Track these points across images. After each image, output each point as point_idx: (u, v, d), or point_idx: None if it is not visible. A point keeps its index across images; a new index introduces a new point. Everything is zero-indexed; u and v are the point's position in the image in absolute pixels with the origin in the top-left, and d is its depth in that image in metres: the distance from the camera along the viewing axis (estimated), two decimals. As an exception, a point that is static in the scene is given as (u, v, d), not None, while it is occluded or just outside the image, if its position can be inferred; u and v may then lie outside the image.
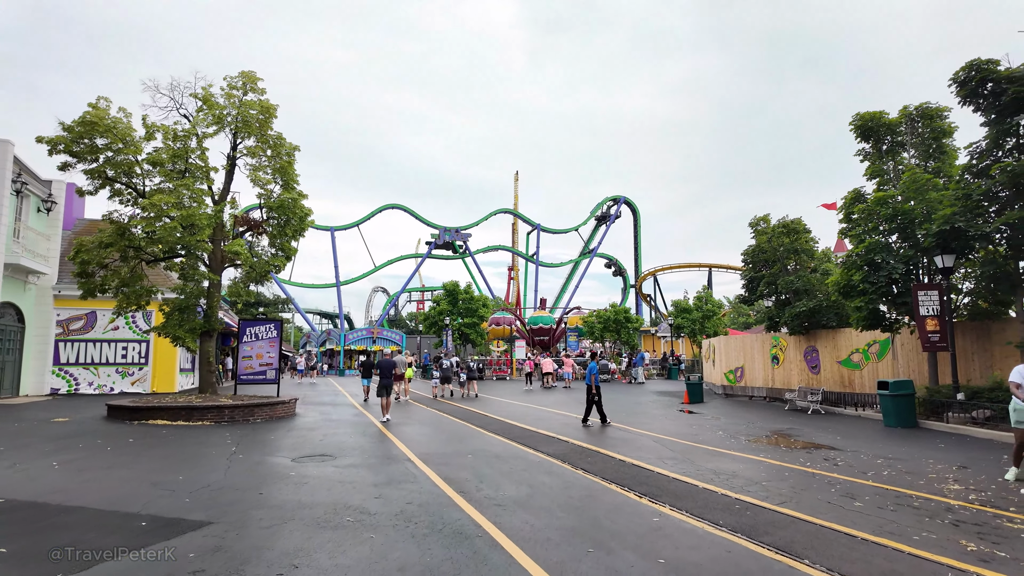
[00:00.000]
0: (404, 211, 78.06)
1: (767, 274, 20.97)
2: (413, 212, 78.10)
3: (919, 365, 16.41)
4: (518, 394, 25.31)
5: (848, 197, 16.71)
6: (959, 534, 5.75)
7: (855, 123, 16.77)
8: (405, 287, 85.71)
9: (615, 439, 12.45)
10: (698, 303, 41.56)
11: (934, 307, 13.52)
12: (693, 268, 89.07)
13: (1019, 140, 13.11)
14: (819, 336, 19.66)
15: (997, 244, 13.33)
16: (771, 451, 10.84)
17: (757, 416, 17.34)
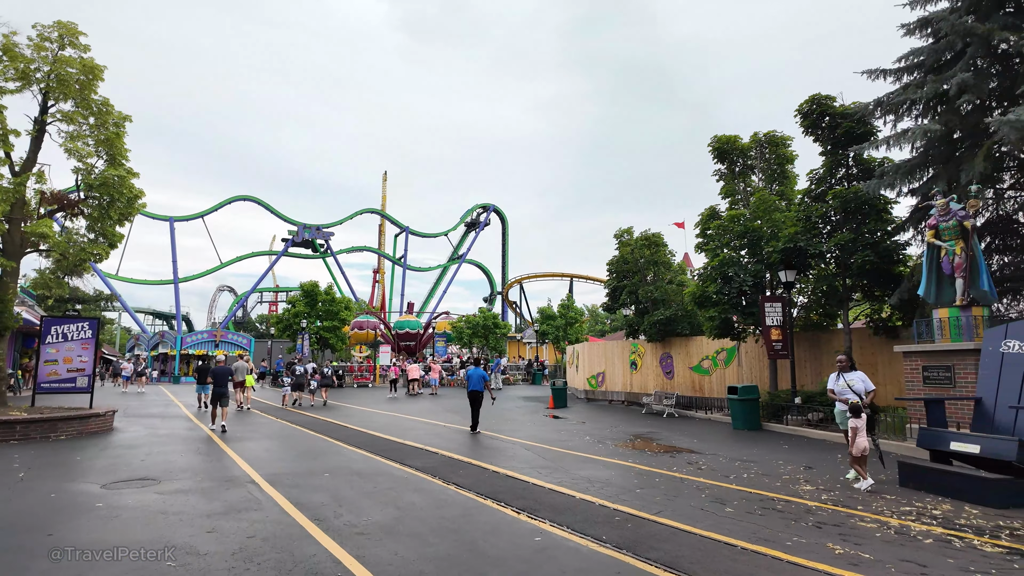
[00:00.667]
0: (258, 204, 72.22)
1: (629, 284, 21.87)
2: (268, 205, 72.52)
3: (761, 371, 17.88)
4: (382, 402, 24.01)
5: (705, 214, 17.86)
6: (824, 537, 5.91)
7: (713, 145, 18.01)
8: (256, 286, 79.18)
9: (487, 448, 11.94)
10: (562, 310, 42.79)
11: (778, 318, 14.74)
12: (556, 277, 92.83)
13: (848, 170, 14.73)
14: (674, 343, 20.81)
15: (828, 263, 14.86)
16: (638, 456, 10.95)
17: (619, 420, 17.83)
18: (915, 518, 6.59)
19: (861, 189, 13.65)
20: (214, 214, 69.40)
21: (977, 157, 10.92)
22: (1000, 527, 6.22)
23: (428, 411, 20.19)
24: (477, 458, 10.58)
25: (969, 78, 10.87)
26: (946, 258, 10.95)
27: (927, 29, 12.75)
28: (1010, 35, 10.68)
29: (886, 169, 13.08)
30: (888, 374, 14.71)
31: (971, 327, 10.40)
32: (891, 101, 12.64)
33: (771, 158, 17.17)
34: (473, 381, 14.58)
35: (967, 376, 10.11)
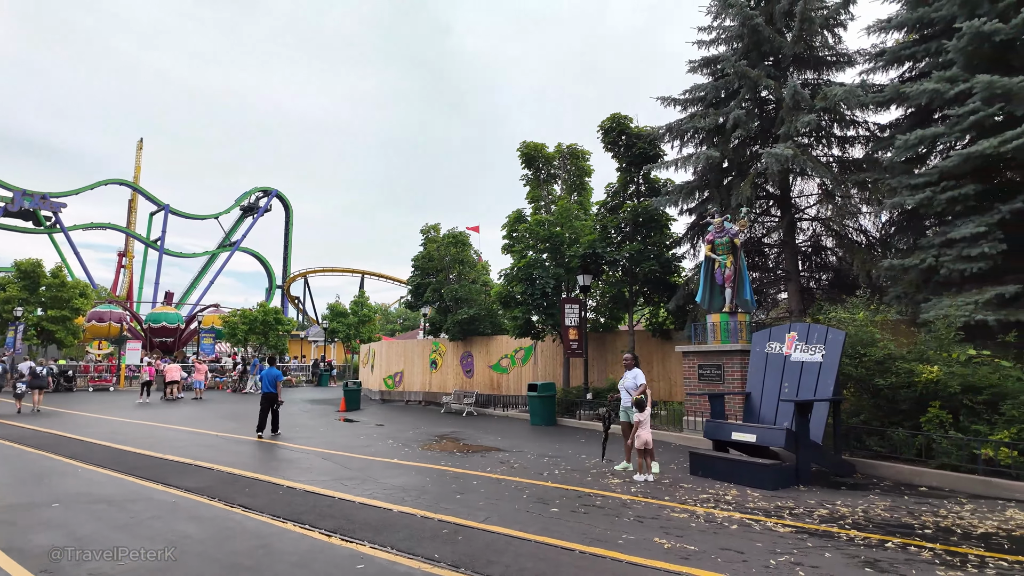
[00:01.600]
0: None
1: (434, 281, 21.44)
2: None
3: (555, 370, 18.79)
4: (131, 409, 19.96)
5: (512, 217, 18.23)
6: (649, 531, 6.02)
7: (521, 151, 18.49)
8: (-55, 263, 61.42)
9: (276, 459, 10.39)
10: (354, 308, 40.76)
11: (575, 319, 15.56)
12: (346, 273, 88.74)
13: (639, 187, 16.20)
14: (475, 342, 20.91)
15: (618, 270, 16.15)
16: (449, 458, 10.47)
17: (419, 420, 17.22)
18: (714, 505, 7.13)
19: (650, 204, 15.07)
20: None
21: (744, 184, 12.68)
22: (780, 508, 7.02)
23: (194, 418, 17.26)
24: (266, 472, 9.07)
25: (741, 115, 12.59)
26: (719, 270, 12.50)
27: (708, 68, 14.56)
28: (771, 82, 12.63)
29: (670, 188, 14.60)
30: (662, 371, 16.47)
31: (737, 331, 11.99)
32: (679, 127, 14.14)
33: (572, 169, 18.22)
34: (266, 382, 13.30)
35: (734, 373, 11.62)
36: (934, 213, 10.21)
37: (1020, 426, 7.79)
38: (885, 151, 12.57)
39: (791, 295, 13.19)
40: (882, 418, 9.30)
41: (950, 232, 9.85)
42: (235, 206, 78.42)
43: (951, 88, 9.96)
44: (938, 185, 10.07)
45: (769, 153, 11.36)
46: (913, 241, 11.13)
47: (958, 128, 9.81)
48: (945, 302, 9.55)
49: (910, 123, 11.49)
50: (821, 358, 9.12)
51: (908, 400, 8.96)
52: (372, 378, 25.41)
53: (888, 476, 8.70)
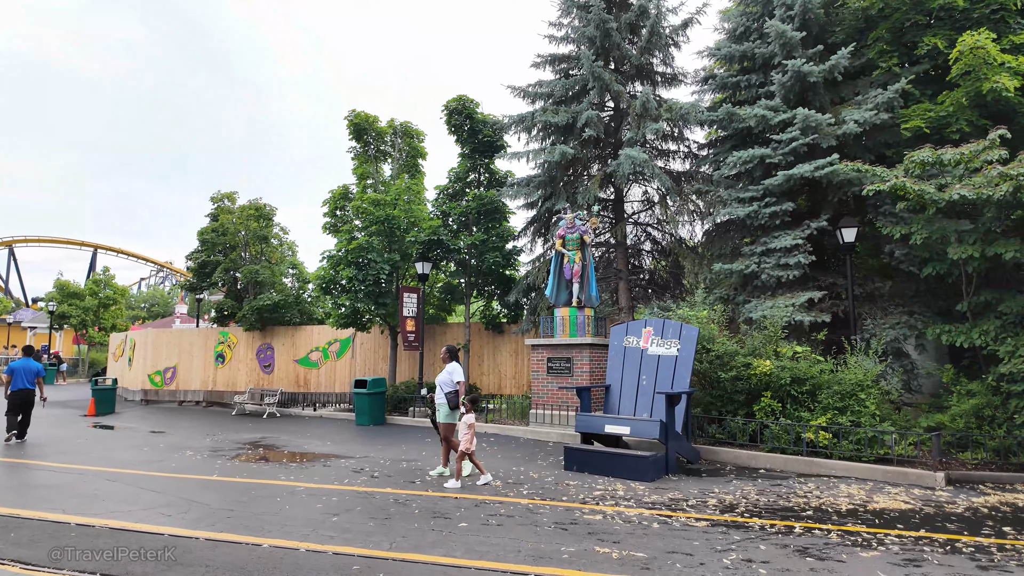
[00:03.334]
0: None
1: (226, 260, 18.22)
2: None
3: (376, 364, 17.36)
4: None
5: (336, 192, 16.31)
6: (582, 540, 5.52)
7: (351, 120, 16.64)
8: None
9: (42, 485, 7.53)
10: (94, 287, 33.21)
11: (414, 309, 14.48)
12: (73, 246, 73.08)
13: (481, 175, 15.74)
14: (277, 333, 18.34)
15: (456, 259, 15.49)
16: (285, 470, 8.71)
17: (209, 425, 14.43)
18: (614, 502, 6.92)
19: (495, 195, 14.73)
20: None
21: (592, 183, 13.03)
22: (675, 500, 7.09)
23: None
24: (38, 506, 6.42)
25: (594, 115, 12.92)
26: (567, 265, 12.64)
27: (555, 66, 14.72)
28: (620, 87, 13.21)
29: (516, 180, 14.44)
30: (492, 364, 16.26)
31: (584, 325, 12.24)
32: (530, 120, 14.00)
33: (405, 149, 16.98)
34: (21, 377, 11.32)
35: (583, 366, 11.81)
36: (758, 225, 11.59)
37: (833, 412, 9.12)
38: (701, 166, 14.05)
39: (621, 292, 13.96)
40: (720, 407, 10.20)
41: (771, 243, 11.26)
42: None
43: (775, 116, 11.39)
44: (762, 200, 11.44)
45: (626, 155, 11.80)
46: (731, 249, 12.55)
47: (780, 152, 11.25)
48: (767, 304, 10.87)
49: (732, 144, 12.95)
50: (677, 352, 9.65)
51: (744, 391, 9.95)
52: (130, 375, 20.80)
53: (728, 460, 9.53)
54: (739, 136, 12.78)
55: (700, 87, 13.73)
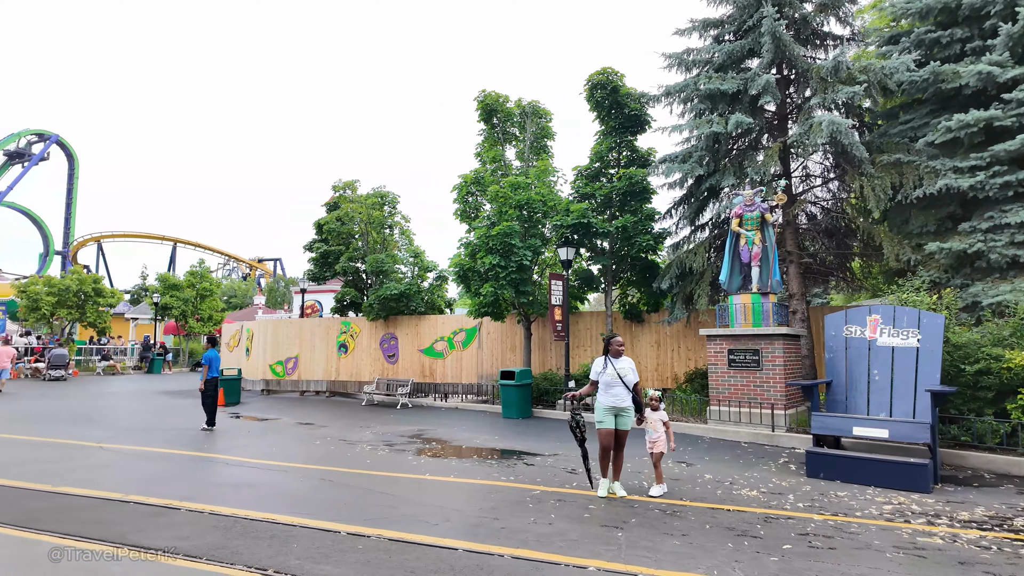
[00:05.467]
0: None
1: (349, 249, 17.90)
2: None
3: (502, 354, 16.72)
4: None
5: (468, 177, 15.64)
6: (943, 570, 4.54)
7: (481, 101, 15.93)
8: None
9: (232, 483, 7.08)
10: (192, 279, 34.01)
11: (560, 297, 13.69)
12: (154, 240, 76.29)
13: (623, 153, 14.74)
14: (401, 323, 17.94)
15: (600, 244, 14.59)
16: (493, 469, 8.03)
17: (351, 416, 14.11)
18: (927, 520, 5.91)
19: (644, 173, 13.73)
20: None
21: (769, 154, 11.83)
22: (993, 518, 6.02)
23: (20, 418, 12.07)
24: (322, 515, 5.91)
25: (772, 80, 11.69)
26: (745, 247, 11.56)
27: (712, 30, 13.53)
28: (799, 48, 11.93)
29: (669, 156, 13.37)
30: (631, 355, 15.31)
31: (769, 313, 11.14)
32: (693, 88, 12.87)
33: (536, 129, 16.14)
34: (215, 367, 11.78)
35: (775, 359, 10.73)
36: (982, 198, 10.19)
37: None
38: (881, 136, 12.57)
39: (792, 277, 12.74)
40: (959, 405, 8.97)
41: (1001, 217, 9.86)
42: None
43: (1004, 72, 9.94)
44: (988, 169, 10.03)
45: (827, 120, 10.57)
46: (936, 226, 11.15)
47: (1011, 113, 9.81)
48: (1004, 287, 9.51)
49: (930, 108, 11.49)
50: (917, 343, 8.46)
51: (992, 387, 8.68)
52: (248, 364, 20.90)
53: (980, 467, 8.30)
54: (940, 99, 11.34)
55: (886, 47, 12.28)
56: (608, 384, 6.51)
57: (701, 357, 13.91)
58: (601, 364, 6.67)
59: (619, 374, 6.48)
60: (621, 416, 6.49)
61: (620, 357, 6.67)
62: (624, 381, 6.47)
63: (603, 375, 6.57)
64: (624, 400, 6.47)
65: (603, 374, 6.57)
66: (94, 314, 27.27)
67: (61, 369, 22.32)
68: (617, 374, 6.48)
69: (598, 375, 6.63)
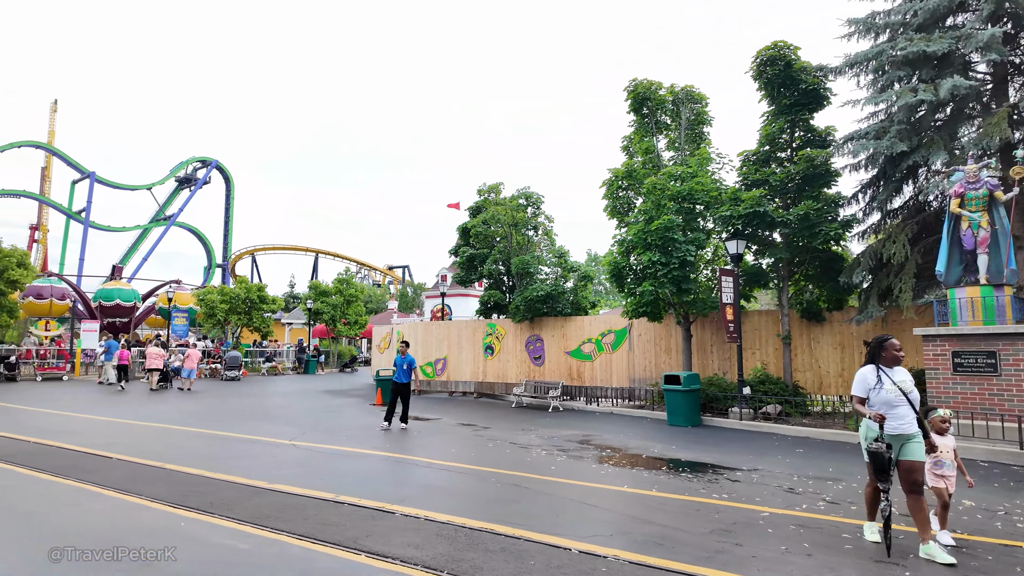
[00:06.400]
0: None
1: (492, 252, 17.92)
2: None
3: (656, 356, 15.84)
4: (105, 402, 15.41)
5: (619, 171, 14.99)
6: None
7: (630, 91, 15.23)
8: None
9: (427, 485, 6.88)
10: (338, 286, 36.30)
11: (731, 295, 12.62)
12: (298, 251, 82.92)
13: (793, 135, 13.36)
14: (546, 324, 17.64)
15: (772, 235, 13.30)
16: (699, 486, 7.29)
17: (507, 418, 13.92)
18: None
19: (828, 154, 12.30)
20: None
21: (995, 119, 10.01)
22: None
23: (218, 415, 13.14)
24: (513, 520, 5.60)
25: (998, 35, 9.90)
26: (968, 231, 9.87)
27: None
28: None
29: (859, 133, 11.83)
30: (809, 360, 13.81)
31: (1004, 309, 9.39)
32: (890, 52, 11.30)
33: (690, 116, 15.14)
34: (401, 370, 11.89)
35: (1018, 363, 9.01)
36: None
37: None
38: None
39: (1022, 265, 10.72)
40: None
41: None
42: (170, 176, 70.81)
43: None
44: None
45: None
46: None
47: None
48: None
49: None
50: None
51: None
52: (398, 366, 21.62)
53: None
54: None
55: None
56: (888, 403, 4.94)
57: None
58: (872, 376, 5.09)
59: (902, 389, 4.95)
60: (909, 444, 4.92)
61: (897, 366, 5.13)
62: (910, 399, 4.95)
63: (879, 391, 5.00)
64: (912, 424, 4.92)
65: (879, 390, 5.01)
66: (259, 319, 29.86)
67: (235, 370, 24.53)
68: (899, 389, 4.95)
69: (869, 391, 5.08)
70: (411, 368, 11.90)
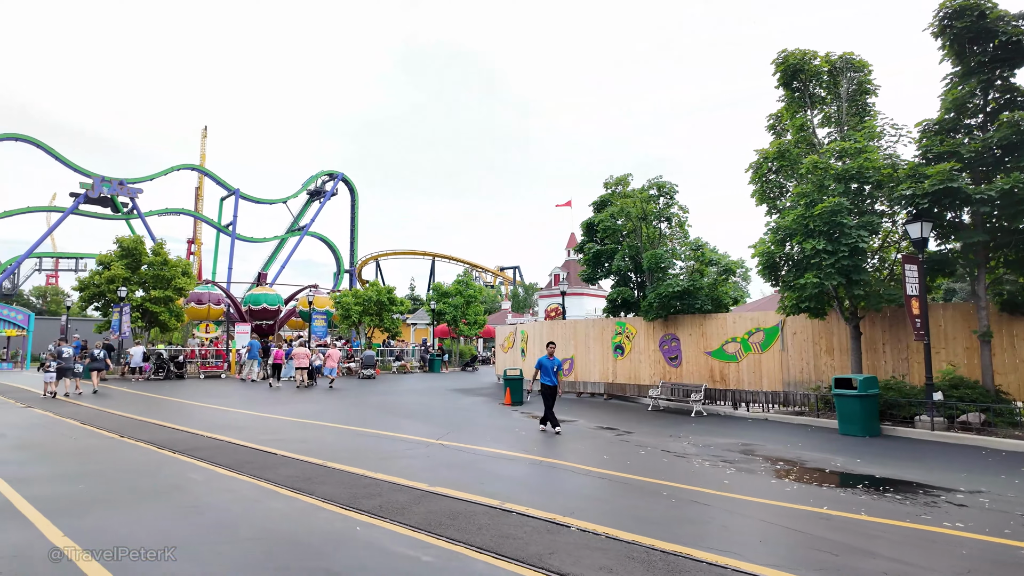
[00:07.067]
0: (36, 146, 55.55)
1: (625, 245, 17.13)
2: (49, 149, 56.16)
3: (814, 357, 14.28)
4: (268, 400, 16.48)
5: (769, 152, 13.66)
6: None
7: (778, 63, 13.86)
8: (33, 249, 61.16)
9: (588, 496, 6.31)
10: (458, 287, 37.05)
11: (916, 286, 10.99)
12: (417, 256, 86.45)
13: (987, 98, 11.39)
14: (682, 322, 16.56)
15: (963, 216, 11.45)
16: (899, 506, 6.17)
17: (647, 423, 13.13)
18: None
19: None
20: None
21: None
22: None
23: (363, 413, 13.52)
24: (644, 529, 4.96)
25: None
26: None
27: None
28: None
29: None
30: (1011, 359, 11.76)
31: None
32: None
33: (851, 86, 13.47)
34: (546, 371, 11.44)
35: None
36: None
37: None
38: None
39: None
40: None
41: None
42: (302, 190, 76.36)
43: None
44: None
45: None
46: None
47: None
48: None
49: None
50: None
51: None
52: (524, 365, 21.42)
53: None
54: None
55: None
56: None
57: None
58: None
59: None
60: None
61: None
62: None
63: None
64: None
65: None
66: (388, 320, 31.12)
67: (370, 368, 25.64)
68: None
69: None
70: (559, 370, 11.52)
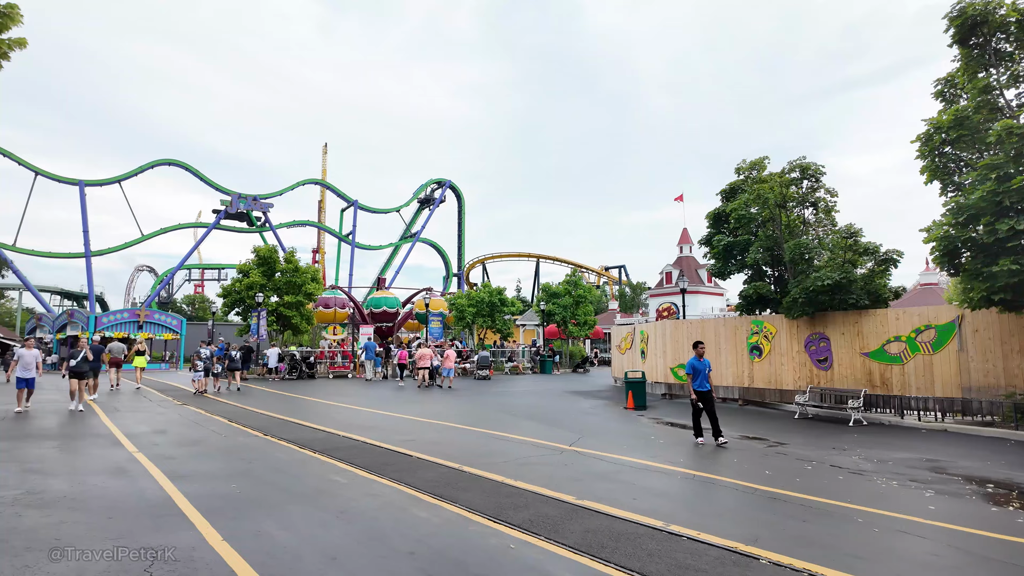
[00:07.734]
0: (184, 169, 62.06)
1: (761, 236, 15.62)
2: (196, 171, 62.36)
3: (1003, 357, 12.13)
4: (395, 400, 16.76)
5: (944, 120, 11.76)
6: None
7: (952, 16, 11.93)
8: (184, 262, 68.38)
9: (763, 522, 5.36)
10: (567, 288, 36.39)
11: None
12: (521, 258, 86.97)
13: None
14: (832, 320, 14.81)
15: None
16: None
17: (801, 431, 11.73)
18: None
19: None
20: (131, 180, 58.98)
21: None
22: None
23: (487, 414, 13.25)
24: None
25: None
26: None
27: None
28: None
29: None
30: None
31: None
32: None
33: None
34: (700, 376, 10.23)
35: None
36: None
37: None
38: None
39: None
40: None
41: None
42: (413, 199, 79.26)
43: None
44: None
45: None
46: None
47: None
48: None
49: None
50: None
51: None
52: (644, 367, 20.35)
53: None
54: None
55: None
56: None
57: None
58: None
59: None
60: None
61: None
62: None
63: None
64: None
65: None
66: (500, 321, 31.18)
67: (485, 369, 25.69)
68: None
69: None
70: (706, 372, 10.26)
